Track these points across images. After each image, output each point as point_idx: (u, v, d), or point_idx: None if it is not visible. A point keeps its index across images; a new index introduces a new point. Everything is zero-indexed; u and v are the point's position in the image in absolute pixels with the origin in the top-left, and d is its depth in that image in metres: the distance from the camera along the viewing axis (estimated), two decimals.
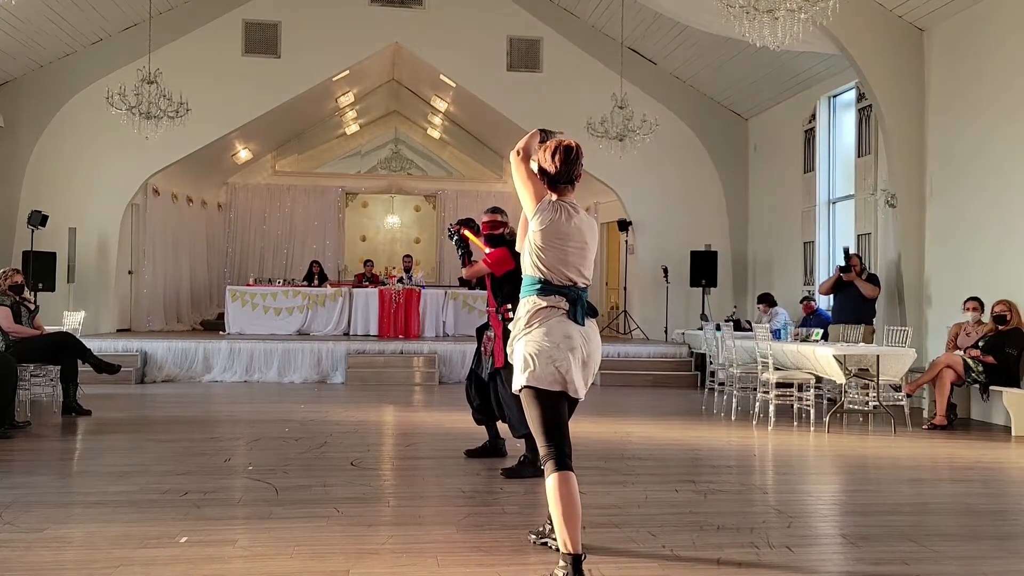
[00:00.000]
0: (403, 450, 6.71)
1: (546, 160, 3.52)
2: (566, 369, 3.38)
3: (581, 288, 3.54)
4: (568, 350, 3.40)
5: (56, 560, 3.64)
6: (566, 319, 3.44)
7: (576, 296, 3.49)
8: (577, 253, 3.52)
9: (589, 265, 3.59)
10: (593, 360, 3.54)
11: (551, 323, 3.42)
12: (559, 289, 3.47)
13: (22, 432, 7.06)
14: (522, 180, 3.56)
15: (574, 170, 3.54)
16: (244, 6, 13.39)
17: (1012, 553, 4.06)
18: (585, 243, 3.54)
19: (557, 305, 3.45)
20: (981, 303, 8.47)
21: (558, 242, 3.48)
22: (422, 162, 18.63)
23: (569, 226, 3.49)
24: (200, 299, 16.43)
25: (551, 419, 3.38)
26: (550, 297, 3.45)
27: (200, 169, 15.37)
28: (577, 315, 3.47)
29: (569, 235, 3.49)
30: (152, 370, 11.37)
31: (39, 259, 11.88)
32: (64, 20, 12.00)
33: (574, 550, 3.22)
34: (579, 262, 3.53)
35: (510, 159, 3.56)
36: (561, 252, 3.48)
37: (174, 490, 4.95)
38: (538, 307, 3.46)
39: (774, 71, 12.28)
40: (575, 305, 3.48)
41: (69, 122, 13.01)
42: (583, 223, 3.54)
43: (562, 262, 3.49)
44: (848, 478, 5.99)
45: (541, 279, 3.49)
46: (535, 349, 3.40)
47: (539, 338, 3.41)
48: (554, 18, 14.00)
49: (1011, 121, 8.52)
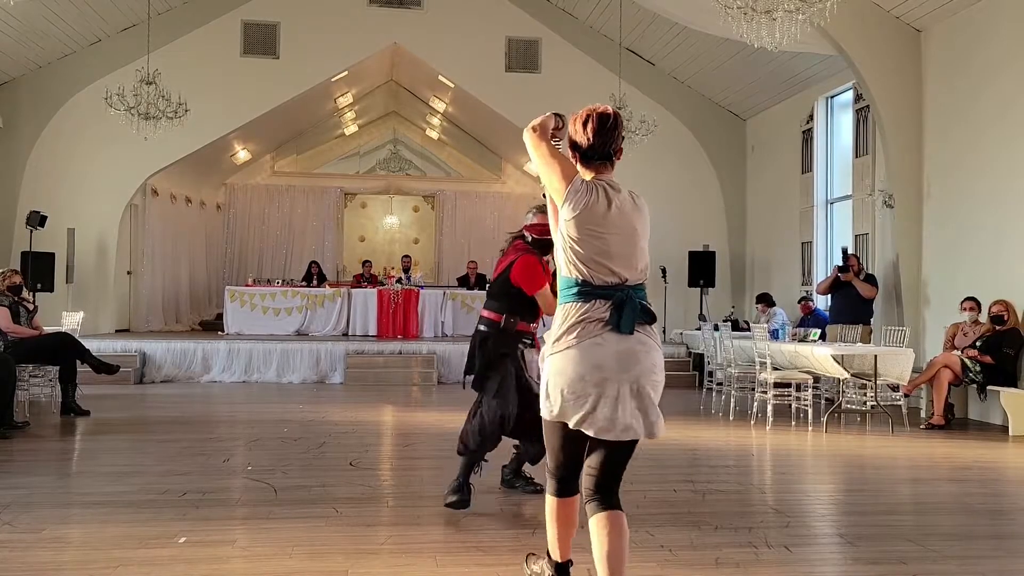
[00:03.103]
0: (402, 450, 6.72)
1: (577, 131, 2.89)
2: (590, 407, 2.78)
3: (632, 286, 2.85)
4: (595, 384, 2.77)
5: (55, 561, 3.65)
6: (605, 336, 2.78)
7: (624, 298, 2.80)
8: (622, 242, 2.83)
9: (641, 256, 2.90)
10: (646, 385, 2.85)
11: (584, 345, 2.78)
12: (601, 291, 2.81)
13: (21, 432, 7.06)
14: (544, 159, 2.90)
15: (611, 142, 2.88)
16: (243, 7, 13.39)
17: (1009, 552, 4.07)
18: (633, 229, 2.86)
19: (596, 316, 2.79)
20: (978, 303, 8.49)
21: (597, 230, 2.81)
22: (421, 163, 18.64)
23: (609, 210, 2.82)
24: (199, 299, 16.43)
25: (564, 451, 2.95)
26: (589, 304, 2.80)
27: (199, 169, 15.37)
28: (622, 323, 2.78)
29: (610, 221, 2.82)
30: (151, 370, 11.36)
31: (38, 259, 11.88)
32: (63, 20, 12.00)
33: (562, 558, 3.09)
34: (626, 252, 2.84)
35: (524, 139, 2.97)
36: (601, 242, 2.81)
37: (173, 490, 4.95)
38: (573, 320, 2.81)
39: (772, 72, 12.30)
40: (621, 310, 2.79)
41: (68, 123, 13.00)
42: (627, 205, 2.87)
43: (603, 254, 2.81)
44: (846, 478, 6.00)
45: (578, 280, 2.82)
46: (558, 379, 2.81)
47: (566, 365, 2.79)
48: (552, 19, 14.00)
49: (1008, 122, 8.53)
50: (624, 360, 2.80)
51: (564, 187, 2.84)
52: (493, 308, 4.68)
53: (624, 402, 2.80)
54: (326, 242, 17.79)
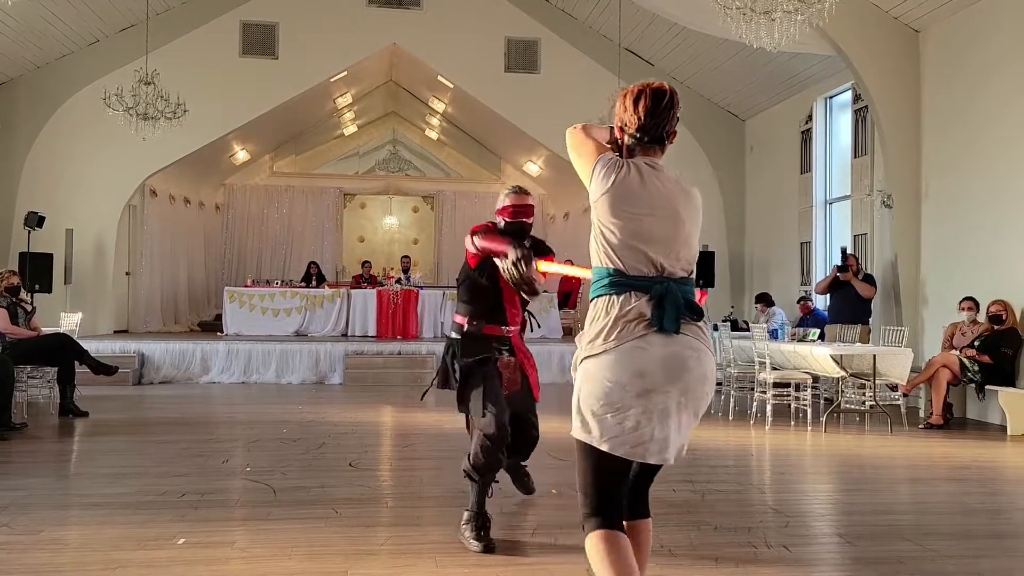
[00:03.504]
0: (401, 451, 6.72)
1: (626, 108, 2.51)
2: (632, 425, 2.34)
3: (676, 279, 2.42)
4: (637, 395, 2.33)
5: (53, 562, 3.64)
6: (649, 339, 2.34)
7: (663, 291, 2.36)
8: (662, 225, 2.41)
9: (685, 245, 2.47)
10: (696, 395, 2.43)
11: (624, 348, 2.33)
12: (636, 283, 2.38)
13: (19, 434, 7.06)
14: (578, 143, 2.57)
15: (665, 124, 2.50)
16: (242, 7, 13.39)
17: (1008, 552, 4.08)
18: (675, 212, 2.44)
19: (634, 313, 2.35)
20: (976, 303, 8.49)
21: (630, 210, 2.39)
22: (420, 163, 18.65)
23: (645, 188, 2.42)
24: (198, 300, 16.43)
25: (604, 480, 2.42)
26: (624, 298, 2.37)
27: (198, 170, 15.36)
28: (665, 320, 2.34)
29: (647, 199, 2.42)
30: (150, 371, 11.36)
31: (36, 260, 11.87)
32: (61, 21, 11.99)
33: None
34: (667, 238, 2.42)
35: (567, 135, 2.63)
36: (635, 224, 2.39)
37: (172, 491, 4.95)
38: (610, 317, 2.37)
39: (771, 72, 12.30)
40: (662, 305, 2.35)
41: (66, 123, 13.00)
42: (670, 185, 2.47)
43: (638, 238, 2.39)
44: (845, 477, 6.00)
45: (611, 270, 2.40)
46: (593, 389, 2.36)
47: (601, 372, 2.35)
48: (552, 19, 14.01)
49: (1006, 121, 8.54)
50: (672, 367, 2.35)
51: (592, 163, 2.48)
52: (459, 311, 4.28)
53: (670, 419, 2.36)
54: (325, 243, 17.80)
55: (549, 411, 9.62)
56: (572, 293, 15.38)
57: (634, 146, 2.52)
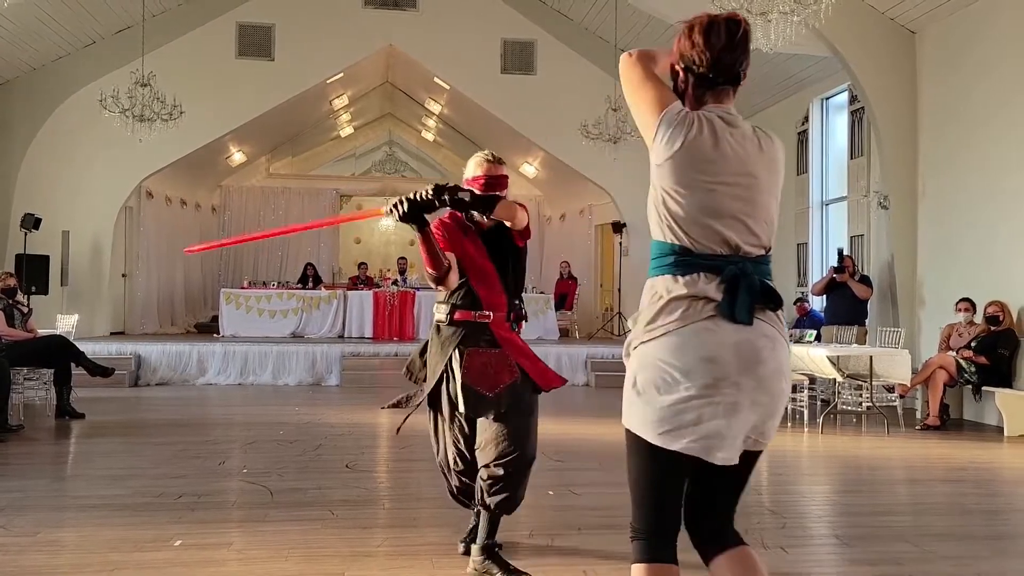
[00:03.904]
0: (398, 452, 6.71)
1: (695, 43, 2.12)
2: (693, 418, 1.98)
3: (752, 259, 2.07)
4: (706, 384, 1.98)
5: (50, 564, 3.63)
6: (717, 321, 2.00)
7: (737, 273, 2.02)
8: (736, 196, 2.05)
9: (765, 217, 2.11)
10: (772, 391, 2.04)
11: (690, 330, 2.00)
12: (706, 262, 2.03)
13: (15, 436, 7.03)
14: (636, 86, 2.12)
15: (741, 60, 2.17)
16: (237, 8, 13.38)
17: (1005, 553, 4.08)
18: (752, 178, 2.08)
19: (701, 294, 2.01)
20: (973, 304, 8.51)
21: (701, 178, 2.03)
22: (416, 164, 18.65)
23: (718, 150, 2.04)
24: (194, 302, 16.41)
25: (661, 488, 2.07)
26: (692, 278, 2.02)
27: (194, 172, 15.35)
28: (737, 308, 1.99)
29: (720, 166, 2.04)
30: (146, 373, 11.34)
31: (32, 262, 11.84)
32: (57, 22, 11.97)
33: None
34: (742, 211, 2.06)
35: (620, 67, 2.19)
36: (705, 195, 2.03)
37: (168, 493, 4.94)
38: (670, 297, 2.03)
39: (767, 73, 12.31)
40: (735, 290, 2.01)
41: (62, 125, 12.98)
42: (748, 146, 2.12)
43: (710, 211, 2.03)
44: (842, 479, 6.01)
45: (676, 247, 2.05)
46: (652, 376, 2.02)
47: (662, 356, 2.01)
48: (548, 20, 14.02)
49: (1002, 121, 8.56)
50: (745, 355, 2.00)
51: (655, 118, 2.05)
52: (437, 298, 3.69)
53: (739, 415, 2.00)
54: (322, 244, 17.79)
55: (545, 413, 9.64)
56: (569, 294, 15.39)
57: (703, 89, 2.13)
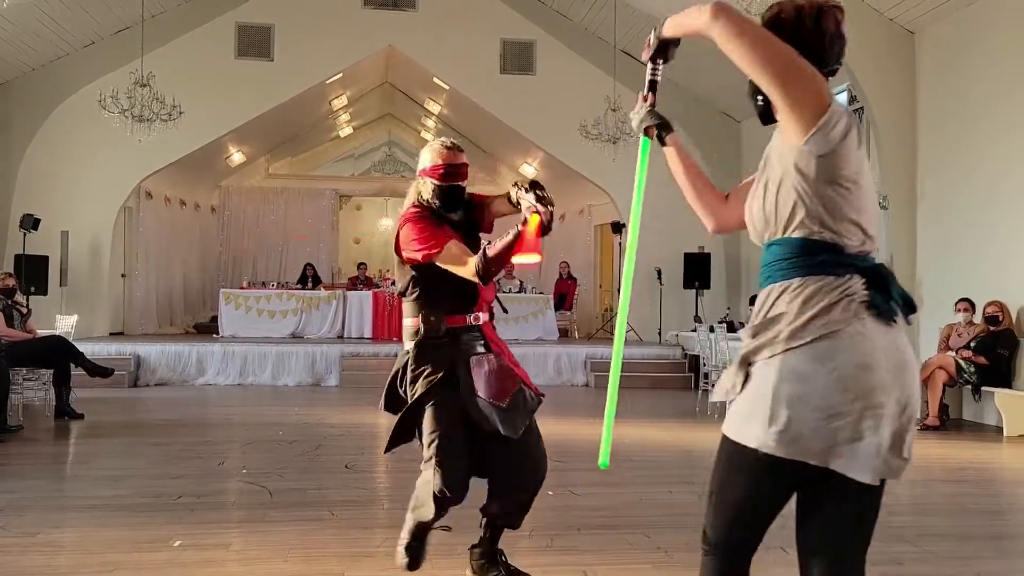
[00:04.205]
0: (397, 452, 6.68)
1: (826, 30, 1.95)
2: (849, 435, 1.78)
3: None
4: (860, 395, 1.79)
5: (49, 564, 3.63)
6: (867, 324, 1.82)
7: (879, 271, 1.89)
8: (870, 192, 1.93)
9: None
10: (915, 401, 1.87)
11: (846, 336, 1.81)
12: (855, 261, 1.88)
13: (15, 436, 7.03)
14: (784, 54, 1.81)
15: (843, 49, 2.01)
16: (237, 9, 13.38)
17: (1005, 553, 4.08)
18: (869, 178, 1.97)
19: (853, 294, 1.83)
20: (972, 304, 8.51)
21: (854, 176, 1.88)
22: (416, 164, 18.64)
23: (860, 147, 1.90)
24: (193, 302, 16.40)
25: (761, 502, 1.91)
26: (845, 278, 1.85)
27: (193, 172, 15.35)
28: (892, 307, 1.86)
29: (860, 161, 1.90)
30: (145, 373, 11.33)
31: (31, 262, 11.84)
32: (56, 23, 11.97)
33: None
34: (874, 209, 1.94)
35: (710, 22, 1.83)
36: (857, 192, 1.88)
37: (168, 493, 4.93)
38: (823, 299, 1.83)
39: None
40: (887, 288, 1.86)
41: (61, 125, 12.97)
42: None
43: (858, 209, 1.89)
44: None
45: (827, 244, 1.87)
46: (805, 389, 1.80)
47: (818, 365, 1.80)
48: (547, 21, 14.03)
49: (1001, 123, 8.56)
50: (893, 360, 1.83)
51: (824, 100, 1.82)
52: (408, 311, 3.24)
53: (888, 426, 1.81)
54: (321, 244, 17.78)
55: (544, 412, 9.63)
56: (568, 294, 15.39)
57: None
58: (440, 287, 3.13)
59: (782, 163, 1.91)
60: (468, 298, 3.18)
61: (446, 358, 3.14)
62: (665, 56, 2.32)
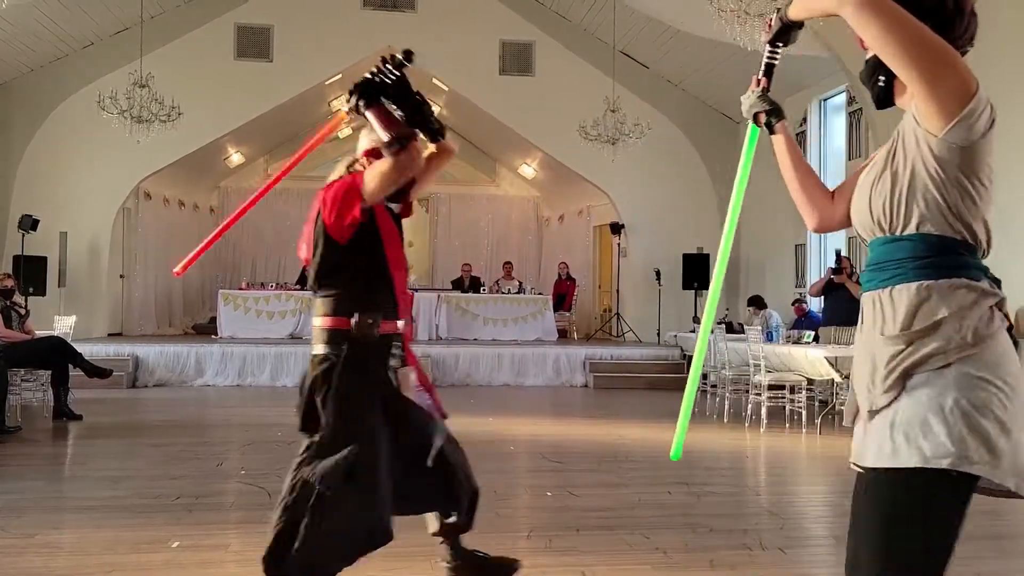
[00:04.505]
0: None
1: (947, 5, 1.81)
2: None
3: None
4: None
5: (47, 566, 3.63)
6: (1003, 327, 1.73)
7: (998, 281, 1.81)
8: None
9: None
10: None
11: (1002, 341, 1.69)
12: (983, 265, 1.80)
13: (13, 437, 7.02)
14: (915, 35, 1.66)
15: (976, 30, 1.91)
16: (236, 10, 13.39)
17: (1005, 553, 4.08)
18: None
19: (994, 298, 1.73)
20: None
21: (992, 168, 1.82)
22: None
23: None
24: (192, 303, 16.39)
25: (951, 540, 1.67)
26: (984, 279, 1.75)
27: (192, 173, 15.34)
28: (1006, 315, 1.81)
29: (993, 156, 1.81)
30: (144, 374, 11.32)
31: (30, 263, 11.84)
32: (55, 24, 11.97)
33: None
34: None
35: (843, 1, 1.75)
36: (991, 187, 1.83)
37: (166, 495, 4.93)
38: (979, 303, 1.70)
39: None
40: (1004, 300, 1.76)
41: (60, 126, 12.97)
42: None
43: (988, 207, 1.83)
44: (840, 479, 6.00)
45: (964, 243, 1.77)
46: (994, 398, 1.62)
47: (999, 370, 1.65)
48: (546, 22, 14.03)
49: (1000, 123, 8.55)
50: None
51: (970, 87, 1.71)
52: (326, 309, 2.79)
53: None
54: None
55: (543, 412, 9.65)
56: (567, 295, 15.39)
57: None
58: (375, 285, 2.76)
59: (916, 153, 1.75)
60: (393, 303, 2.87)
61: (376, 364, 2.76)
62: (787, 39, 2.16)
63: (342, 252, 2.74)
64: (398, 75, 2.90)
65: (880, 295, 1.76)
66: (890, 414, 1.68)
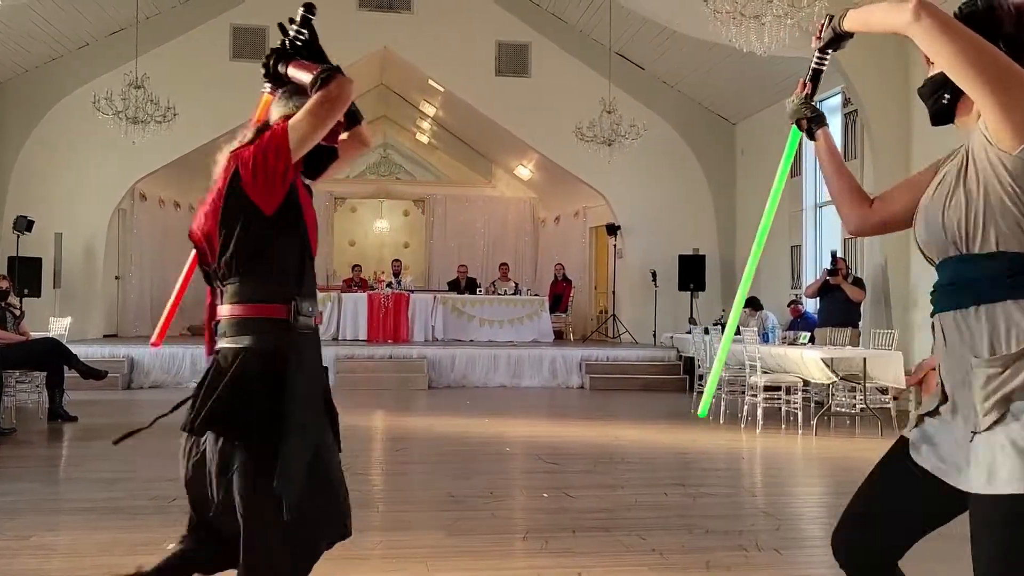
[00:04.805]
0: (392, 455, 6.70)
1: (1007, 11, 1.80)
2: None
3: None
4: None
5: (42, 568, 3.62)
6: None
7: None
8: None
9: None
10: None
11: None
12: None
13: (7, 439, 7.00)
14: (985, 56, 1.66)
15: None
16: (232, 11, 13.37)
17: None
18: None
19: None
20: None
21: None
22: (411, 167, 18.63)
23: None
24: (187, 304, 16.32)
25: None
26: None
27: (187, 174, 15.27)
28: None
29: None
30: (139, 376, 11.30)
31: (25, 264, 11.81)
32: (50, 24, 11.95)
33: None
34: None
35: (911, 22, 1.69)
36: None
37: (161, 496, 4.92)
38: None
39: (761, 76, 12.34)
40: None
41: (55, 127, 12.94)
42: None
43: None
44: (836, 480, 6.02)
45: None
46: None
47: None
48: (543, 23, 14.04)
49: None
50: None
51: None
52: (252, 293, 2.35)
53: None
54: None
55: (539, 414, 9.66)
56: (563, 296, 15.40)
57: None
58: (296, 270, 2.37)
59: (990, 171, 1.72)
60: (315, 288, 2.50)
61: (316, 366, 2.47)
62: (836, 47, 2.20)
63: (267, 225, 2.33)
64: (307, 32, 2.60)
65: (962, 315, 1.78)
66: (999, 438, 1.66)
